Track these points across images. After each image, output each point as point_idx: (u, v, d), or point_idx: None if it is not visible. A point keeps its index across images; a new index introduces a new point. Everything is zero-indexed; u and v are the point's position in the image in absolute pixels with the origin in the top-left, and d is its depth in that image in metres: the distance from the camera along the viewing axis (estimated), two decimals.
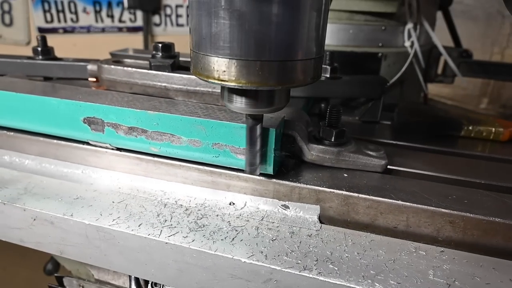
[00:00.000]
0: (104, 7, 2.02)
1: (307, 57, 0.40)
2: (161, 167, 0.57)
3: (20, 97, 0.59)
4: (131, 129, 0.55)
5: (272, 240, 0.47)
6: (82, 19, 2.01)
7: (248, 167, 0.49)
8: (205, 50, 0.39)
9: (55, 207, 0.52)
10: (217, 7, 0.36)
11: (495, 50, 2.41)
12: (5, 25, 1.95)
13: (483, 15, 2.37)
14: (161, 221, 0.50)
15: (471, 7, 2.34)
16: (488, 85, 2.42)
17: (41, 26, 1.95)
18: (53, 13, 1.95)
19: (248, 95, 0.43)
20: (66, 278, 0.70)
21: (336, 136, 0.55)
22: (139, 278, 0.63)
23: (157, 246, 0.47)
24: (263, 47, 0.37)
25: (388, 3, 0.96)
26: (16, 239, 0.56)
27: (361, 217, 0.51)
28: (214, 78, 0.40)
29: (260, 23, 0.36)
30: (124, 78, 0.74)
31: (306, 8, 0.37)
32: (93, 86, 0.80)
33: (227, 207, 0.54)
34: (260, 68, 0.38)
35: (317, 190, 0.51)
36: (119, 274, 0.68)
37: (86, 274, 0.71)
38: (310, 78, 0.42)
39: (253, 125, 0.46)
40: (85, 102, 0.56)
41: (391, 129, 0.76)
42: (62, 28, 1.99)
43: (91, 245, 0.51)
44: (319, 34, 0.40)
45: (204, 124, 0.51)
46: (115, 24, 2.06)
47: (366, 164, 0.55)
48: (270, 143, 0.49)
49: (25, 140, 0.64)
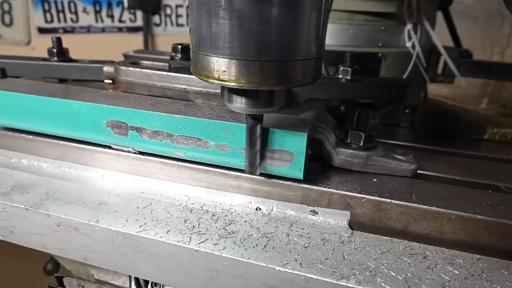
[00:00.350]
0: (104, 7, 2.01)
1: (307, 57, 0.40)
2: (185, 172, 0.56)
3: (41, 100, 0.58)
4: (156, 133, 0.54)
5: (304, 247, 0.46)
6: (82, 19, 1.99)
7: (248, 167, 0.49)
8: (205, 50, 0.39)
9: (80, 213, 0.51)
10: (217, 7, 0.36)
11: (495, 50, 2.40)
12: (5, 25, 1.93)
13: (483, 15, 2.36)
14: (189, 228, 0.49)
15: (471, 7, 2.33)
16: (488, 85, 2.41)
17: (41, 26, 1.94)
18: (53, 13, 1.93)
19: (248, 95, 0.43)
20: (66, 278, 0.70)
21: (365, 140, 0.54)
22: (139, 278, 0.63)
23: (187, 254, 0.46)
24: (263, 47, 0.37)
25: (388, 3, 0.96)
26: (38, 245, 0.54)
27: (393, 223, 0.49)
28: (214, 78, 0.40)
29: (260, 23, 0.36)
30: (142, 80, 0.73)
31: (306, 8, 0.37)
32: (110, 88, 0.79)
33: (254, 213, 0.53)
34: (260, 68, 0.38)
35: (348, 196, 0.50)
36: (119, 274, 0.68)
37: (86, 274, 0.71)
38: (310, 78, 0.42)
39: (253, 125, 0.46)
40: (108, 106, 0.55)
41: (412, 132, 0.75)
42: (62, 28, 1.98)
43: (117, 252, 0.50)
44: (319, 34, 0.40)
45: (233, 129, 0.50)
46: (115, 24, 2.05)
47: (395, 168, 0.54)
48: (301, 148, 0.48)
49: (43, 144, 0.63)
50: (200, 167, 0.55)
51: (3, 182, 0.58)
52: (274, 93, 0.43)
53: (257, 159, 0.48)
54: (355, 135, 0.54)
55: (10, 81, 0.66)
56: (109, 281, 0.69)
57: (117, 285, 0.68)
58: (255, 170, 0.49)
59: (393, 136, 0.73)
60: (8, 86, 0.62)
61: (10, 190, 0.56)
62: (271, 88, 0.40)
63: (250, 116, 0.46)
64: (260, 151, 0.48)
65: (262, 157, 0.49)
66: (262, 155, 0.49)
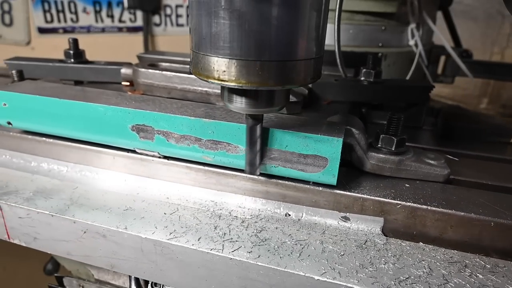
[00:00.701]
0: (104, 7, 2.00)
1: (307, 57, 0.39)
2: (211, 177, 0.55)
3: (64, 103, 0.56)
4: (184, 137, 0.52)
5: (340, 255, 0.45)
6: (82, 19, 1.99)
7: (248, 167, 0.49)
8: (205, 50, 0.39)
9: (107, 219, 0.50)
10: (217, 7, 0.36)
11: (495, 50, 2.40)
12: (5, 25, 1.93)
13: (483, 15, 2.36)
14: (220, 235, 0.48)
15: (471, 7, 2.33)
16: (488, 85, 2.41)
17: (41, 26, 1.93)
18: (53, 13, 1.93)
19: (248, 95, 0.42)
20: (66, 278, 0.70)
21: (397, 144, 0.53)
22: (139, 278, 0.62)
23: (220, 262, 0.45)
24: (263, 47, 0.37)
25: (388, 3, 0.96)
26: (63, 252, 0.53)
27: (428, 230, 0.48)
28: (214, 78, 0.39)
29: (260, 23, 0.36)
30: (162, 82, 0.72)
31: (306, 8, 0.37)
32: (127, 90, 0.78)
33: (284, 219, 0.52)
34: (260, 68, 0.38)
35: (382, 202, 0.49)
36: (119, 274, 0.67)
37: (86, 274, 0.71)
38: (310, 78, 0.41)
39: (253, 125, 0.46)
40: (134, 109, 0.53)
41: (435, 135, 0.74)
42: (62, 28, 1.97)
43: (146, 259, 0.49)
44: (319, 34, 0.40)
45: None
46: (115, 24, 2.04)
47: (427, 173, 0.53)
48: (336, 154, 0.47)
49: (64, 147, 0.62)
50: (227, 172, 0.54)
51: (25, 187, 0.57)
52: (274, 93, 0.43)
53: (257, 159, 0.49)
54: (386, 139, 0.53)
55: (29, 83, 0.64)
56: (109, 281, 0.69)
57: (117, 285, 0.68)
58: (255, 170, 0.49)
59: (417, 139, 0.72)
60: (28, 88, 0.61)
61: (33, 195, 0.55)
62: (271, 88, 0.40)
63: (250, 116, 0.46)
64: (261, 151, 0.48)
65: (262, 157, 0.49)
66: (262, 155, 0.49)
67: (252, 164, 0.49)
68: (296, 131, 0.48)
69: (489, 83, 2.39)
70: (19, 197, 0.54)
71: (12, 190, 0.56)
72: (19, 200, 0.53)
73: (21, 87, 0.61)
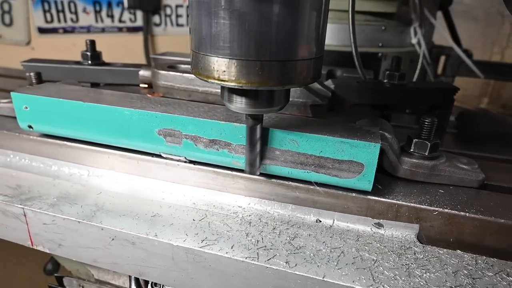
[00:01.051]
0: (104, 7, 1.99)
1: (307, 57, 0.39)
2: (239, 182, 0.54)
3: (88, 106, 0.55)
4: (213, 141, 0.51)
5: (380, 264, 0.44)
6: (82, 19, 1.98)
7: (248, 167, 0.49)
8: (205, 50, 0.39)
9: (135, 226, 0.49)
10: (217, 7, 0.36)
11: (495, 50, 2.40)
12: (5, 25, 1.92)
13: (483, 15, 2.36)
14: (253, 242, 0.47)
15: (471, 7, 2.33)
16: (488, 85, 2.41)
17: (41, 26, 1.92)
18: (53, 13, 1.92)
19: (248, 95, 0.42)
20: (66, 278, 0.70)
21: (430, 149, 0.51)
22: (139, 278, 0.61)
23: (255, 271, 0.44)
24: (263, 47, 0.37)
25: (388, 3, 0.95)
26: (89, 259, 0.52)
27: (465, 237, 0.47)
28: (214, 78, 0.39)
29: (260, 23, 0.35)
30: (183, 85, 0.71)
31: (306, 8, 0.37)
32: (146, 92, 0.77)
33: (315, 225, 0.51)
34: (260, 68, 0.37)
35: (418, 208, 0.48)
36: (119, 274, 0.67)
37: (86, 274, 0.70)
38: (310, 78, 0.41)
39: (253, 125, 0.46)
40: (161, 113, 0.52)
41: (460, 138, 0.73)
42: (62, 28, 1.96)
43: (176, 267, 0.47)
44: (319, 34, 0.40)
45: (296, 137, 0.48)
46: (115, 24, 2.04)
47: (461, 179, 0.52)
48: (373, 159, 0.46)
49: (86, 151, 0.60)
50: (256, 177, 0.53)
51: (48, 192, 0.56)
52: (274, 93, 0.43)
53: (257, 159, 0.48)
54: (419, 144, 0.52)
55: (50, 86, 0.63)
56: (109, 281, 0.68)
57: (117, 285, 0.68)
58: (255, 170, 0.49)
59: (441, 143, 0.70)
60: (50, 91, 0.59)
61: (57, 201, 0.54)
62: (271, 88, 0.40)
63: (250, 116, 0.45)
64: (261, 151, 0.48)
65: (262, 157, 0.49)
66: (262, 155, 0.49)
67: (252, 164, 0.49)
68: (331, 136, 0.47)
69: (489, 83, 2.39)
70: (43, 202, 0.53)
71: (36, 195, 0.55)
72: (44, 206, 0.52)
73: (43, 90, 0.60)
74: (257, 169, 0.49)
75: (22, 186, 0.57)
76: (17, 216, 0.53)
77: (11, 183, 0.58)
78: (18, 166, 0.63)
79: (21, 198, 0.54)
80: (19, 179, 0.60)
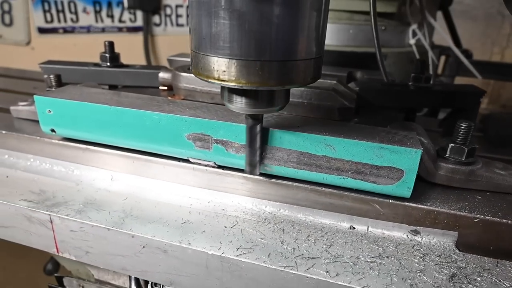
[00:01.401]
0: (104, 7, 1.98)
1: (307, 57, 0.39)
2: (270, 188, 0.53)
3: (114, 110, 0.54)
4: (245, 146, 0.50)
5: (423, 273, 0.42)
6: (82, 19, 1.97)
7: (248, 167, 0.49)
8: (205, 50, 0.39)
9: (167, 234, 0.47)
10: (217, 7, 0.36)
11: (495, 50, 2.39)
12: (5, 25, 1.91)
13: (483, 15, 2.35)
14: (289, 251, 0.45)
15: (471, 7, 2.33)
16: (488, 85, 2.40)
17: (41, 26, 1.91)
18: (53, 13, 1.91)
19: (248, 95, 0.42)
20: (66, 278, 0.69)
21: (467, 154, 0.50)
22: (139, 278, 0.60)
23: (294, 280, 0.42)
24: (263, 47, 0.36)
25: (388, 3, 0.95)
26: (118, 267, 0.51)
27: (506, 244, 0.46)
28: (214, 78, 0.39)
29: (260, 23, 0.35)
30: (206, 87, 0.69)
31: (306, 8, 0.36)
32: (167, 95, 0.75)
33: (350, 232, 0.50)
34: (260, 68, 0.37)
35: (458, 215, 0.47)
36: (119, 274, 0.66)
37: (86, 274, 0.69)
38: (310, 78, 0.41)
39: (253, 125, 0.46)
40: (191, 117, 0.51)
41: (488, 142, 0.71)
42: (62, 28, 1.95)
43: (210, 276, 0.46)
44: (319, 34, 0.40)
45: (332, 143, 0.47)
46: (115, 24, 2.03)
47: (499, 185, 0.51)
48: (414, 166, 0.45)
49: (110, 156, 0.59)
50: (288, 183, 0.52)
51: (73, 198, 0.55)
52: (274, 93, 0.43)
53: (257, 159, 0.48)
54: (456, 149, 0.51)
55: (72, 89, 0.62)
56: (109, 281, 0.68)
57: (117, 285, 0.67)
58: (255, 170, 0.49)
59: None
60: (73, 95, 0.58)
61: (84, 207, 0.53)
62: (271, 88, 0.40)
63: (250, 116, 0.46)
64: (260, 151, 0.48)
65: (261, 157, 0.49)
66: (262, 155, 0.49)
67: (252, 164, 0.48)
68: (370, 141, 0.45)
69: (489, 83, 2.38)
70: (70, 208, 0.52)
71: (61, 201, 0.54)
72: (71, 212, 0.51)
73: (66, 94, 0.59)
74: (257, 169, 0.49)
75: (46, 192, 0.56)
76: (43, 222, 0.52)
77: (34, 188, 0.57)
78: (39, 170, 0.62)
79: (46, 204, 0.53)
80: (42, 184, 0.58)
